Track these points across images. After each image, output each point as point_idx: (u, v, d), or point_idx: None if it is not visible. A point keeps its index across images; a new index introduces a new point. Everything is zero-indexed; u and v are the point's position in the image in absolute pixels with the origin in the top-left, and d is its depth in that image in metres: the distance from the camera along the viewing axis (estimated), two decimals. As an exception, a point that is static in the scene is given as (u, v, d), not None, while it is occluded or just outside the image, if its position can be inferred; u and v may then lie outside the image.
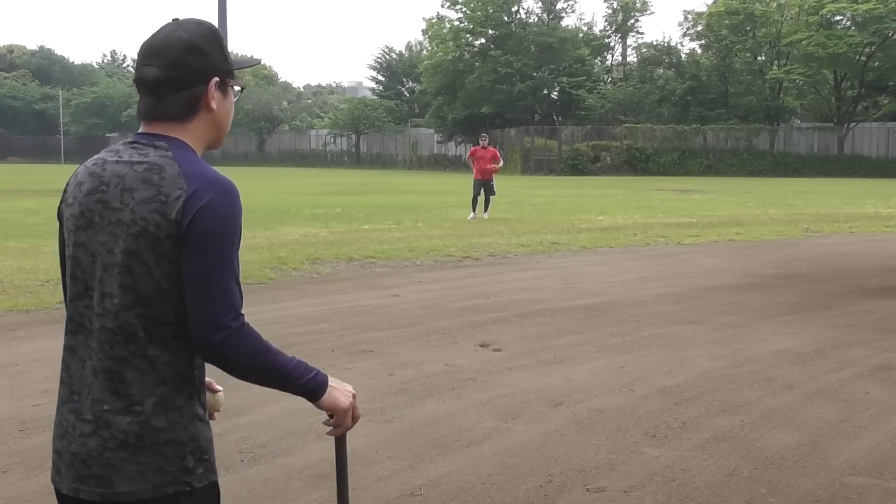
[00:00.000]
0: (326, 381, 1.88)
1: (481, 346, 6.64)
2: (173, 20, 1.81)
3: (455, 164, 57.67)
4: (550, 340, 6.83)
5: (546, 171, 50.20)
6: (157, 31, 1.80)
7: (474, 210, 18.42)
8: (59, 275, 8.55)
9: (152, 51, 1.76)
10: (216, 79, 1.79)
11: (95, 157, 1.82)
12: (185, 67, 1.75)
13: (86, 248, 1.74)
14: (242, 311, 1.71)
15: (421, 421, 4.81)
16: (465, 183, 20.67)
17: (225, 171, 1.95)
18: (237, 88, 1.88)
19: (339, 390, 1.92)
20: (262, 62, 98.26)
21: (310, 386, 1.85)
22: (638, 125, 53.19)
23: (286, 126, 77.09)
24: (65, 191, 1.84)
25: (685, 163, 51.00)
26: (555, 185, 36.11)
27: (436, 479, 3.99)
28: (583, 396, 5.31)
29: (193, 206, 1.67)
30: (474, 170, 18.99)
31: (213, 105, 1.79)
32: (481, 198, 18.46)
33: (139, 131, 1.81)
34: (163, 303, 1.68)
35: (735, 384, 5.61)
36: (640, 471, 4.11)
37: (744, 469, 4.14)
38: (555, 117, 60.94)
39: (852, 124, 52.39)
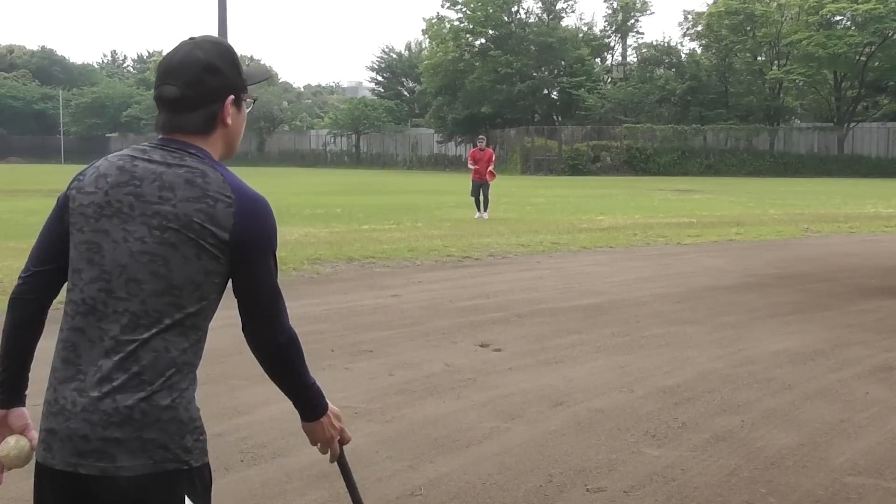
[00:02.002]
0: (327, 409, 2.07)
1: (481, 346, 6.64)
2: (189, 39, 1.91)
3: (455, 164, 57.67)
4: (550, 340, 6.83)
5: (546, 171, 50.21)
6: (175, 50, 1.89)
7: (478, 209, 18.44)
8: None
9: (171, 70, 1.86)
10: (231, 96, 1.91)
11: (118, 153, 1.89)
12: (203, 86, 1.86)
13: (109, 234, 1.80)
14: None
15: (421, 421, 4.81)
16: (464, 183, 20.67)
17: None
18: (249, 100, 2.00)
19: (331, 421, 2.08)
20: (262, 62, 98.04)
21: (319, 409, 2.04)
22: (638, 125, 53.22)
23: (286, 126, 77.09)
24: (79, 180, 1.88)
25: (685, 163, 51.03)
26: (555, 185, 36.11)
27: (436, 479, 3.99)
28: (583, 396, 5.31)
29: (247, 219, 1.83)
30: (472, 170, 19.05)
31: (229, 121, 1.91)
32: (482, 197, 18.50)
33: (166, 137, 1.89)
34: (193, 294, 1.79)
35: (735, 384, 5.61)
36: (640, 471, 4.11)
37: (744, 469, 4.13)
38: (555, 117, 60.94)
39: (852, 124, 52.39)
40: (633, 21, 63.39)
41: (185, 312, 1.79)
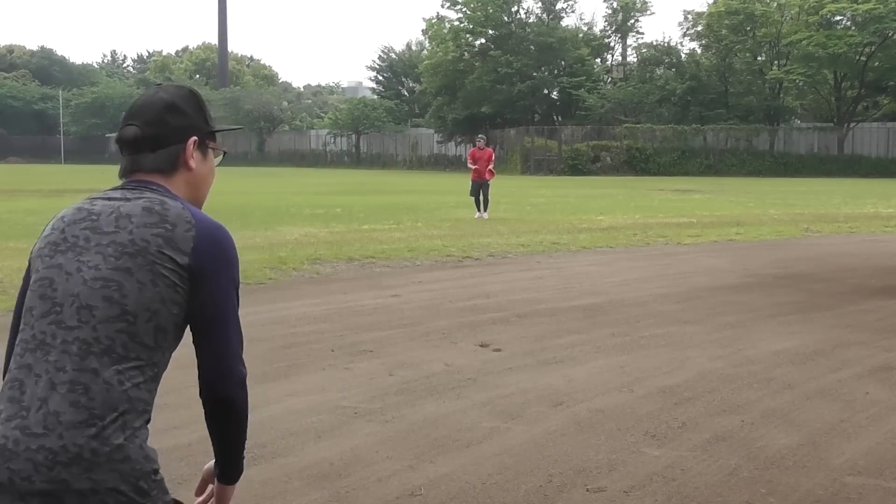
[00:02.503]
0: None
1: (481, 346, 6.64)
2: (156, 85, 1.92)
3: (455, 164, 57.70)
4: (550, 340, 6.83)
5: (546, 171, 50.23)
6: (140, 96, 1.91)
7: (478, 209, 18.45)
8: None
9: (134, 111, 1.85)
10: (194, 138, 1.86)
11: (83, 199, 1.85)
12: (164, 125, 1.83)
13: (62, 268, 1.72)
14: None
15: (421, 421, 4.81)
16: (464, 183, 20.68)
17: (225, 171, 1.99)
18: (219, 152, 1.96)
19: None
20: (263, 62, 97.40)
21: (241, 469, 1.92)
22: (638, 125, 53.24)
23: (286, 126, 77.12)
24: (42, 233, 1.83)
25: (685, 163, 51.05)
26: (555, 185, 36.12)
27: (436, 479, 3.99)
28: (583, 396, 5.31)
29: (208, 244, 1.75)
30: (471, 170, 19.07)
31: (192, 164, 1.86)
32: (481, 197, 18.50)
33: (124, 181, 1.85)
34: (147, 323, 1.69)
35: (735, 384, 5.61)
36: (640, 471, 4.11)
37: (744, 469, 4.13)
38: (555, 117, 60.97)
39: (852, 124, 52.41)
40: (633, 21, 63.42)
41: (140, 342, 1.68)
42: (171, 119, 1.84)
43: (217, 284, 1.77)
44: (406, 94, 74.57)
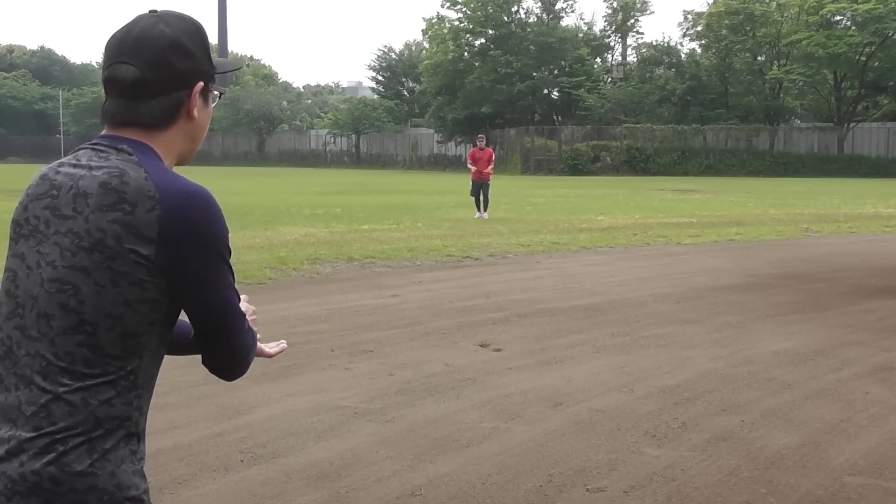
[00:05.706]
0: None
1: (481, 346, 6.64)
2: (150, 12, 1.58)
3: (455, 164, 57.70)
4: (550, 340, 6.83)
5: (546, 171, 50.25)
6: (132, 24, 1.55)
7: (478, 209, 18.46)
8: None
9: (128, 46, 1.52)
10: (201, 84, 1.58)
11: (56, 161, 1.59)
12: (169, 69, 1.52)
13: (24, 259, 1.50)
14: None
15: (421, 421, 4.81)
16: (464, 183, 20.69)
17: (225, 172, 1.93)
18: (216, 94, 1.66)
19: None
20: (262, 62, 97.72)
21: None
22: (638, 125, 53.25)
23: (286, 126, 77.09)
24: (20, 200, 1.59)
25: (685, 163, 51.07)
26: (555, 185, 36.12)
27: (436, 479, 3.99)
28: (583, 396, 5.31)
29: (178, 221, 1.45)
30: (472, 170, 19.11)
31: (195, 113, 1.58)
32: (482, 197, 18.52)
33: (102, 134, 1.57)
34: (111, 331, 1.45)
35: (735, 384, 5.61)
36: (640, 471, 4.11)
37: (744, 469, 4.13)
38: (555, 117, 60.98)
39: (852, 124, 52.42)
40: (633, 21, 63.42)
41: (105, 354, 1.44)
42: (178, 61, 1.53)
43: (199, 269, 1.49)
44: (406, 94, 74.56)
